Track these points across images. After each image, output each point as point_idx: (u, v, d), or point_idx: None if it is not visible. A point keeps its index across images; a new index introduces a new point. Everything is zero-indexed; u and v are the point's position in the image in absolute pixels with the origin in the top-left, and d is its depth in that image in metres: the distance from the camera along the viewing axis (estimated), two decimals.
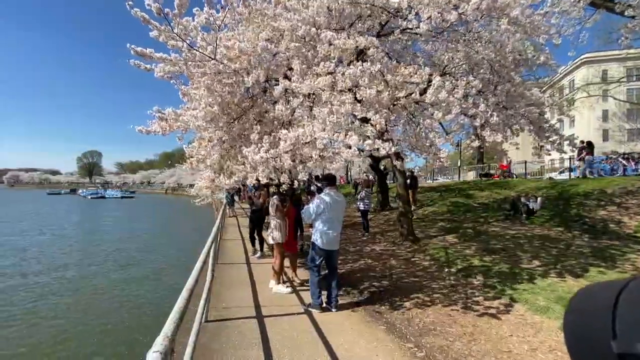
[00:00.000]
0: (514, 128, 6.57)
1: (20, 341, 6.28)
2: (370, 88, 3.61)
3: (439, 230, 8.77)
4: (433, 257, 6.46)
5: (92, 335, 6.52)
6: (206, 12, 3.87)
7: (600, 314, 0.40)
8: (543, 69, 6.27)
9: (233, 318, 3.85)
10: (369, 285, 5.31)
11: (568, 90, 31.63)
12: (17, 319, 7.22)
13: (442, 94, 3.84)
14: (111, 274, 10.93)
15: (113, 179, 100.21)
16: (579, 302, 0.46)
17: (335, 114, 3.64)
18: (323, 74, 3.73)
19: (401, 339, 3.47)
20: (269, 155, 4.02)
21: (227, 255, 7.39)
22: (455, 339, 3.44)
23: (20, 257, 12.98)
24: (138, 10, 3.47)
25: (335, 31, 4.41)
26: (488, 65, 4.99)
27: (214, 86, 4.28)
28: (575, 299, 0.46)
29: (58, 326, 6.97)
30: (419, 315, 4.08)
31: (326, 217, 4.13)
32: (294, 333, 3.52)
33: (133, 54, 3.80)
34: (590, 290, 0.46)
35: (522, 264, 5.60)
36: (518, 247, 6.50)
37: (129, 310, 7.78)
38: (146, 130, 4.72)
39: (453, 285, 5.04)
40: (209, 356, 2.99)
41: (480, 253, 6.31)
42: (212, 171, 5.01)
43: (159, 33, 3.73)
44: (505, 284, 4.77)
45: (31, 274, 10.65)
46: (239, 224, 12.80)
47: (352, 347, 3.25)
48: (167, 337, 1.07)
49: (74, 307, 8.04)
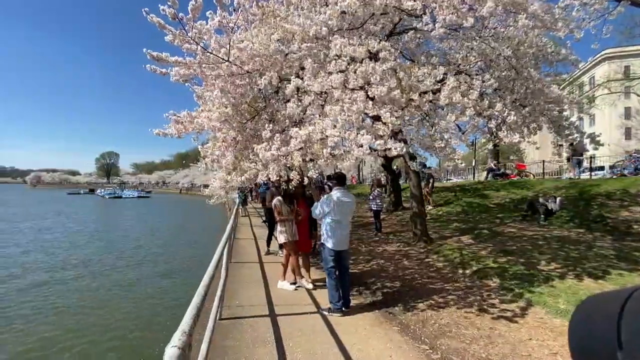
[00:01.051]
0: (532, 127, 6.41)
1: (46, 329, 6.70)
2: (382, 85, 3.58)
3: (454, 230, 8.62)
4: (447, 258, 6.36)
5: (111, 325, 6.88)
6: (219, 14, 3.93)
7: (605, 324, 0.39)
8: (563, 65, 6.08)
9: (247, 316, 3.89)
10: (382, 286, 5.27)
11: (588, 87, 30.58)
12: (48, 310, 7.73)
13: (457, 96, 3.78)
14: (129, 270, 11.39)
15: (130, 179, 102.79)
16: (583, 311, 0.46)
17: (346, 112, 3.63)
18: (335, 72, 3.72)
19: (415, 341, 3.43)
20: (279, 153, 4.04)
21: (240, 254, 7.47)
22: (471, 341, 3.37)
23: (48, 252, 13.69)
24: (154, 16, 3.55)
25: (348, 31, 4.40)
26: (505, 62, 4.87)
27: (227, 88, 4.34)
28: (580, 309, 0.46)
29: (84, 314, 7.47)
30: (433, 316, 4.02)
31: (333, 218, 4.11)
32: (307, 332, 3.53)
33: (149, 59, 3.89)
34: (594, 300, 0.46)
35: (540, 266, 5.45)
36: (536, 249, 6.32)
37: (148, 306, 8.05)
38: (163, 133, 4.82)
39: (468, 287, 4.95)
40: (223, 353, 3.03)
41: (496, 254, 6.17)
42: (226, 172, 5.07)
43: (173, 37, 3.80)
44: (523, 287, 4.65)
45: (59, 268, 11.31)
46: (251, 223, 12.94)
47: (366, 347, 3.23)
48: (185, 333, 1.09)
49: (99, 298, 8.54)
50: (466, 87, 3.98)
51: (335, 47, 3.58)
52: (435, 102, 4.31)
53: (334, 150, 4.06)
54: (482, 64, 5.31)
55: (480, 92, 4.14)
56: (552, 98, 5.86)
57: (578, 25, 4.96)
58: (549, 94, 5.75)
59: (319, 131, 3.74)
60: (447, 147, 4.02)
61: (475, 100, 3.88)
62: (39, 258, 12.68)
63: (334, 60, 3.80)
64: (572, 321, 0.46)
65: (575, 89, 23.28)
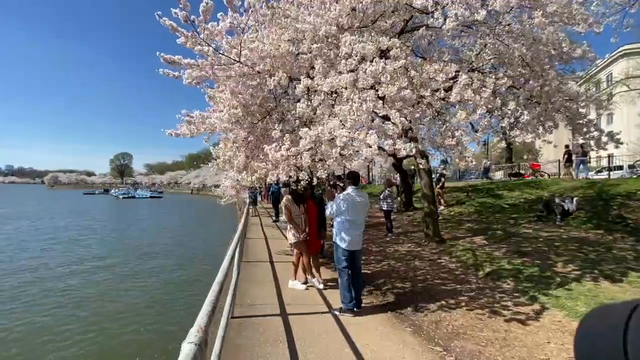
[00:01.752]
0: (547, 125, 6.24)
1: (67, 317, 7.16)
2: (392, 85, 3.54)
3: (466, 231, 8.48)
4: (460, 259, 6.26)
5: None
6: (230, 16, 3.96)
7: (611, 337, 0.39)
8: (579, 62, 5.91)
9: (258, 315, 3.91)
10: (393, 286, 5.22)
11: (605, 85, 29.65)
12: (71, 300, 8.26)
13: (468, 93, 3.71)
14: (146, 263, 12.03)
15: (142, 179, 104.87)
16: (589, 324, 0.46)
17: (356, 112, 3.60)
18: (345, 72, 3.70)
19: (429, 342, 3.38)
20: (289, 153, 4.04)
21: (251, 253, 7.52)
22: (487, 343, 3.30)
23: (70, 248, 14.55)
24: (166, 19, 3.60)
25: (358, 29, 4.38)
26: (520, 59, 4.75)
27: (238, 88, 4.37)
28: (586, 321, 0.46)
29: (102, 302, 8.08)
30: (446, 318, 3.96)
31: (347, 217, 4.08)
32: (319, 332, 3.52)
33: (162, 62, 3.95)
34: (600, 312, 0.46)
35: (557, 268, 5.30)
36: (552, 250, 6.16)
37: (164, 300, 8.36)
38: (175, 133, 4.89)
39: (482, 289, 4.85)
40: (236, 351, 3.05)
41: (510, 256, 6.03)
42: (237, 172, 5.10)
43: (186, 39, 3.85)
44: (539, 289, 4.53)
45: (81, 261, 12.15)
46: (261, 223, 13.01)
47: (378, 348, 3.20)
48: (201, 329, 1.09)
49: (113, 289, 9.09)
50: (479, 85, 3.91)
51: (345, 44, 3.56)
52: (447, 100, 4.25)
53: (343, 150, 4.04)
54: (495, 61, 5.21)
55: (494, 90, 4.05)
56: (569, 95, 5.71)
57: (597, 20, 4.82)
58: (566, 91, 5.60)
59: (327, 131, 3.72)
60: (458, 145, 3.95)
61: (488, 98, 3.80)
62: (58, 254, 13.31)
63: (344, 60, 3.79)
64: (577, 334, 0.46)
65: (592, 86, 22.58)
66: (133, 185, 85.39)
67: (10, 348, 5.91)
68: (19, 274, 10.30)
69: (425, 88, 3.74)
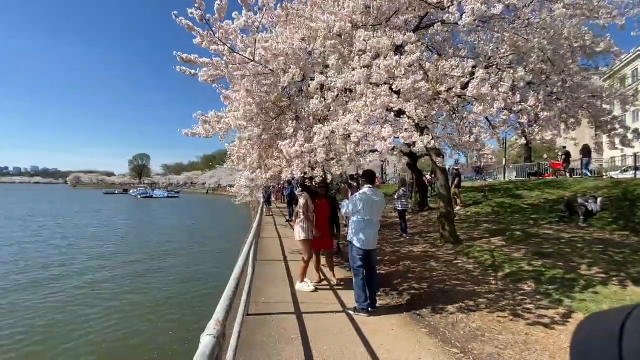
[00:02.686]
0: (570, 122, 6.02)
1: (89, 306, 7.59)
2: (407, 79, 3.48)
3: (484, 232, 8.28)
4: (477, 260, 6.11)
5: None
6: (245, 14, 4.00)
7: (606, 343, 0.40)
8: (603, 57, 5.66)
9: (273, 313, 3.93)
10: (408, 287, 5.14)
11: (631, 81, 28.36)
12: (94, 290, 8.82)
13: (485, 88, 3.61)
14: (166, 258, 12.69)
15: (160, 179, 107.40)
16: (584, 330, 0.46)
17: (370, 107, 3.57)
18: (359, 68, 3.67)
19: (445, 344, 3.31)
20: (303, 149, 4.04)
21: (265, 252, 7.57)
22: (506, 346, 3.20)
23: (96, 244, 15.30)
24: (183, 18, 3.67)
25: (372, 27, 4.34)
26: (540, 53, 4.59)
27: (252, 87, 4.41)
28: (581, 328, 0.47)
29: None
30: (463, 320, 3.87)
31: (363, 217, 4.04)
32: (333, 331, 3.50)
33: (179, 61, 4.02)
34: (595, 318, 0.47)
35: (580, 270, 5.10)
36: (575, 252, 5.94)
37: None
38: (192, 133, 4.97)
39: (500, 291, 4.72)
40: (251, 347, 3.07)
41: (530, 257, 5.85)
42: (251, 170, 5.14)
43: (201, 39, 3.91)
44: (562, 291, 4.37)
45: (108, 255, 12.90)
46: (275, 222, 13.09)
47: (394, 348, 3.15)
48: (219, 322, 1.10)
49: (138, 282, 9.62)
50: (496, 80, 3.80)
51: (359, 39, 3.53)
52: (463, 98, 4.15)
53: (358, 146, 4.01)
54: (514, 57, 5.05)
55: (512, 85, 3.93)
56: (593, 91, 5.48)
57: (621, 12, 4.61)
58: (589, 87, 5.38)
59: (342, 127, 3.70)
60: (477, 141, 3.86)
61: (506, 93, 3.68)
62: (84, 250, 14.01)
63: (358, 56, 3.76)
64: (573, 340, 0.46)
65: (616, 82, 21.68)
66: (151, 185, 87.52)
67: (51, 334, 6.42)
68: (50, 268, 10.86)
69: (441, 84, 3.67)
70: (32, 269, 10.69)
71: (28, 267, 10.94)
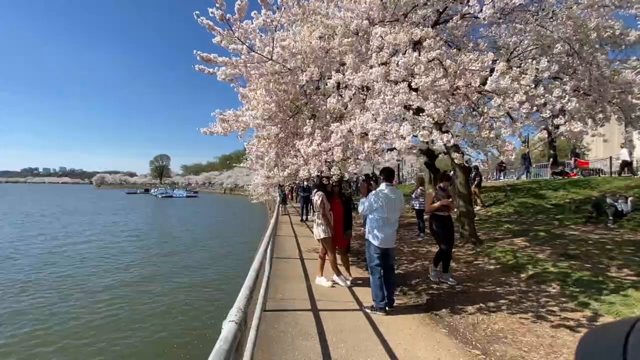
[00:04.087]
0: (598, 117, 5.74)
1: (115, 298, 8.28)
2: (426, 76, 3.42)
3: (505, 232, 8.03)
4: (499, 260, 5.93)
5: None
6: (263, 14, 4.04)
7: (610, 356, 0.39)
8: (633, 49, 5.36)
9: (290, 309, 3.95)
10: (427, 287, 5.05)
11: None
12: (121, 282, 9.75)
13: (505, 81, 3.48)
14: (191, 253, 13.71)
15: (179, 179, 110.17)
16: (588, 342, 0.46)
17: (387, 104, 3.52)
18: (376, 65, 3.63)
19: (466, 345, 3.23)
20: (321, 148, 4.04)
21: (281, 250, 7.63)
22: (530, 349, 3.09)
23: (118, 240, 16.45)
24: (204, 18, 3.75)
25: (389, 23, 4.29)
26: (565, 45, 4.40)
27: (270, 86, 4.45)
28: (584, 341, 0.46)
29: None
30: (484, 321, 3.76)
31: (381, 215, 4.00)
32: (350, 329, 3.49)
33: (199, 59, 4.12)
34: (599, 330, 0.47)
35: (610, 272, 4.87)
36: (603, 254, 5.67)
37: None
38: (210, 131, 5.07)
39: (523, 292, 4.56)
40: (269, 342, 3.10)
41: (555, 258, 5.62)
42: (268, 168, 5.19)
43: (221, 38, 3.98)
44: (590, 294, 4.17)
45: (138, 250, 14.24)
46: (291, 221, 13.17)
47: (412, 348, 3.11)
48: (240, 309, 1.12)
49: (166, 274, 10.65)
50: (518, 73, 3.67)
51: (376, 36, 3.49)
52: (483, 93, 4.03)
53: (375, 144, 3.97)
54: (537, 51, 4.86)
55: (535, 78, 3.77)
56: (622, 85, 5.20)
57: None
58: (619, 80, 5.11)
59: (359, 125, 3.67)
60: (497, 137, 3.73)
61: (528, 85, 3.54)
62: (111, 245, 15.09)
63: (375, 53, 3.72)
64: (577, 352, 0.46)
65: None
66: (171, 185, 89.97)
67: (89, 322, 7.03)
68: (85, 263, 11.80)
69: (460, 78, 3.58)
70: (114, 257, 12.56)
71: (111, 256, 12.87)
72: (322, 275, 5.16)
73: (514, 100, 3.46)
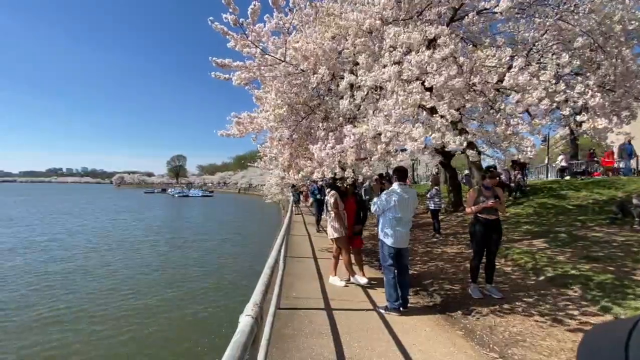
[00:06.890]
0: (623, 115, 5.51)
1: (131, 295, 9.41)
2: (440, 75, 3.37)
3: (524, 233, 7.81)
4: (517, 262, 5.78)
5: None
6: (276, 16, 4.09)
7: (613, 354, 0.40)
8: None
9: (303, 308, 3.98)
10: (441, 288, 4.98)
11: None
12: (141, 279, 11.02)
13: (524, 76, 3.39)
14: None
15: (195, 179, 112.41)
16: (590, 341, 0.46)
17: (400, 105, 3.49)
18: (389, 64, 3.61)
19: (482, 347, 3.17)
20: (334, 152, 4.05)
21: (295, 249, 7.68)
22: (550, 353, 3.00)
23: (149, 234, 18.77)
24: (218, 23, 3.83)
25: (403, 21, 4.26)
26: (588, 39, 4.25)
27: (283, 88, 4.49)
28: (586, 339, 0.46)
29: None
30: (502, 323, 3.68)
31: (394, 214, 3.97)
32: (364, 328, 3.48)
33: (214, 66, 4.20)
34: (601, 329, 0.46)
35: (635, 275, 4.66)
36: (628, 257, 5.43)
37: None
38: (226, 134, 5.17)
39: (542, 295, 4.43)
40: (283, 340, 3.14)
41: (577, 261, 5.43)
42: (282, 169, 5.25)
43: (235, 43, 4.06)
44: (614, 298, 4.02)
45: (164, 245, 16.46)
46: (304, 221, 13.22)
47: (427, 349, 3.08)
48: (256, 304, 1.15)
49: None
50: (537, 69, 3.56)
51: (389, 35, 3.47)
52: (500, 90, 3.94)
53: (388, 146, 3.94)
54: (557, 47, 4.70)
55: (556, 74, 3.65)
56: None
57: None
58: None
59: (372, 129, 3.66)
60: (515, 134, 3.63)
61: (549, 81, 3.43)
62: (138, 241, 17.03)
63: (388, 52, 3.69)
64: (579, 351, 0.46)
65: None
66: (187, 185, 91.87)
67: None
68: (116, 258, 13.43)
69: (476, 75, 3.51)
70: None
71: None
72: (335, 274, 5.17)
73: (533, 97, 3.37)
